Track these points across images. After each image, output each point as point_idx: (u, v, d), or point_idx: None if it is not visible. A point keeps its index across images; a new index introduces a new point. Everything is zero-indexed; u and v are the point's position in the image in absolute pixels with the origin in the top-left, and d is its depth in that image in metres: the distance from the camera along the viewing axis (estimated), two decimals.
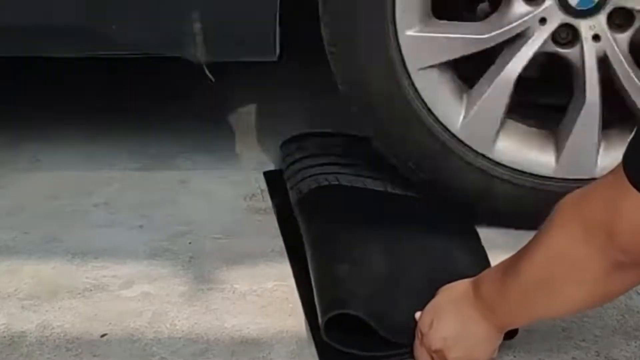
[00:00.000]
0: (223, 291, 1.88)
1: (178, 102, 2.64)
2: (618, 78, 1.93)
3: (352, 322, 1.68)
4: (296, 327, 1.78)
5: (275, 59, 2.01)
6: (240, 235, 2.05)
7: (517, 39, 1.93)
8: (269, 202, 2.17)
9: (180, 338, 1.76)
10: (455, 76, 1.99)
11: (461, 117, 1.98)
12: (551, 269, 1.48)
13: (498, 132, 1.99)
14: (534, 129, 2.03)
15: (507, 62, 1.94)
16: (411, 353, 1.67)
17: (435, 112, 1.97)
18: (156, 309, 1.83)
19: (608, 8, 1.89)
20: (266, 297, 1.86)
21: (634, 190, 1.34)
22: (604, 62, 1.93)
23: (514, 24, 1.92)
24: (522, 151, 2.01)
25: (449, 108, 1.98)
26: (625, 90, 1.93)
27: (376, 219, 1.98)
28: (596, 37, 1.91)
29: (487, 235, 2.00)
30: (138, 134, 2.49)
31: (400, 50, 1.93)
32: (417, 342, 1.65)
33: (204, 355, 1.72)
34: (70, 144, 2.44)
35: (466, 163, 2.00)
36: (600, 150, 1.98)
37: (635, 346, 1.72)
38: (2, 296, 1.88)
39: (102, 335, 1.77)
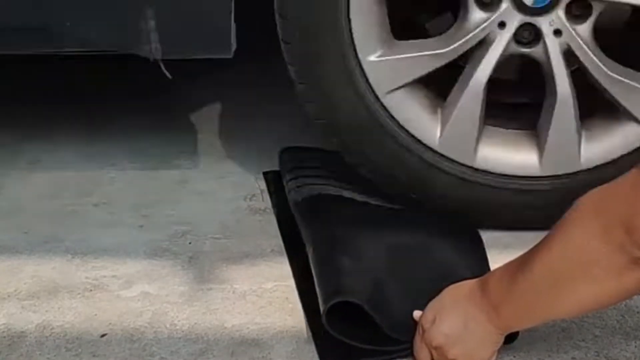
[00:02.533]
0: (223, 291, 1.88)
1: (178, 103, 2.64)
2: (586, 68, 1.93)
3: (351, 319, 1.68)
4: (296, 327, 1.78)
5: (230, 55, 2.00)
6: (240, 235, 2.05)
7: (480, 47, 1.94)
8: (268, 202, 2.17)
9: (180, 338, 1.76)
10: (427, 92, 1.99)
11: (438, 132, 1.98)
12: (566, 265, 1.47)
13: (478, 140, 1.99)
14: (514, 132, 2.03)
15: (474, 70, 1.94)
16: (411, 349, 1.67)
17: (412, 132, 1.97)
18: (156, 309, 1.83)
19: (565, 1, 1.90)
20: (266, 297, 1.86)
21: None
22: (571, 55, 1.93)
23: (474, 33, 1.92)
24: (504, 155, 2.01)
25: (425, 124, 1.98)
26: (596, 79, 1.94)
27: (378, 220, 1.98)
28: (557, 32, 1.91)
29: (490, 235, 2.00)
30: (138, 134, 2.49)
31: (365, 76, 1.94)
32: (417, 337, 1.65)
33: (203, 355, 1.72)
34: (70, 144, 2.44)
35: (450, 175, 2.00)
36: (583, 142, 1.98)
37: (635, 346, 1.72)
38: (2, 296, 1.88)
39: (102, 335, 1.77)
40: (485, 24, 1.91)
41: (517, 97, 2.15)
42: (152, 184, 2.27)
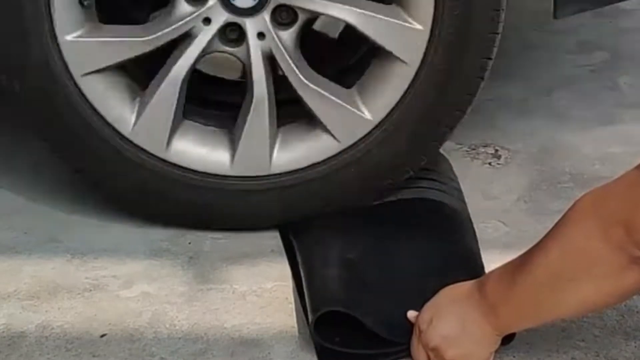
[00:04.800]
0: (223, 291, 1.88)
1: None
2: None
3: (345, 324, 1.68)
4: (296, 327, 1.78)
5: None
6: (240, 236, 2.04)
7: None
8: None
9: (179, 338, 1.76)
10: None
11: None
12: (565, 266, 1.47)
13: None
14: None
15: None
16: (408, 350, 1.67)
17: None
18: (156, 309, 1.83)
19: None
20: (266, 297, 1.86)
21: None
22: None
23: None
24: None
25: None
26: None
27: (371, 219, 1.98)
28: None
29: (490, 235, 2.01)
30: None
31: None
32: (414, 339, 1.65)
33: (203, 355, 1.72)
34: None
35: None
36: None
37: (635, 346, 1.72)
38: (2, 296, 1.88)
39: (102, 336, 1.77)
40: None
41: (224, 95, 2.14)
42: None
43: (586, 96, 2.56)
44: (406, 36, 1.89)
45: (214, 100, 2.11)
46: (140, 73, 2.01)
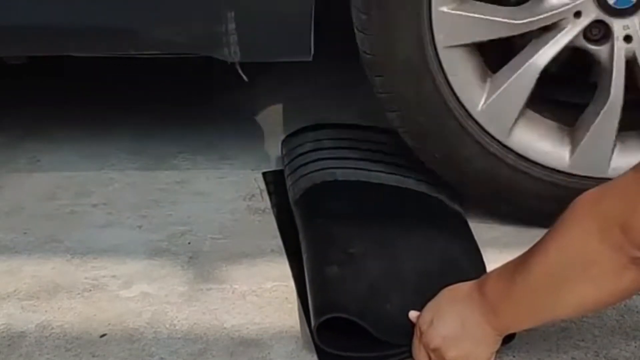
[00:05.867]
0: (222, 291, 1.88)
1: (177, 103, 2.64)
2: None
3: (346, 325, 1.68)
4: (296, 327, 1.78)
5: (310, 58, 2.00)
6: (240, 236, 2.05)
7: (550, 30, 1.93)
8: (268, 202, 2.17)
9: (179, 338, 1.76)
10: (481, 60, 1.98)
11: (482, 101, 1.97)
12: (564, 266, 1.47)
13: (516, 120, 1.98)
14: (552, 123, 2.02)
15: (536, 52, 1.93)
16: (409, 353, 1.67)
17: (457, 92, 1.96)
18: (155, 309, 1.83)
19: None
20: (265, 297, 1.86)
21: None
22: (630, 64, 1.92)
23: (549, 14, 1.91)
24: (537, 143, 2.00)
25: (471, 89, 1.97)
26: None
27: (372, 218, 1.98)
28: (628, 38, 1.91)
29: (489, 235, 2.01)
30: (138, 134, 2.49)
31: (431, 26, 1.92)
32: (415, 339, 1.65)
33: (203, 355, 1.72)
34: (70, 144, 2.44)
35: (482, 147, 1.99)
36: (615, 151, 1.98)
37: (635, 346, 1.72)
38: (2, 296, 1.88)
39: (102, 336, 1.77)
40: (562, 9, 1.89)
41: (568, 94, 2.14)
42: (151, 184, 2.27)
43: None
44: None
45: (556, 98, 2.09)
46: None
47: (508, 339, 1.64)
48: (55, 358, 1.72)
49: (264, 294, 1.87)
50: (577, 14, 1.91)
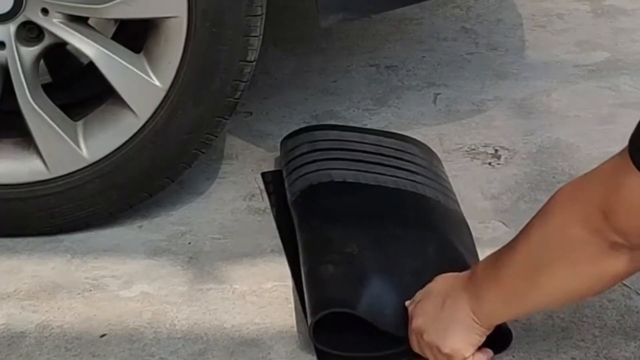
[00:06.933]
0: (222, 291, 1.88)
1: None
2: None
3: (343, 325, 1.69)
4: (296, 327, 1.78)
5: None
6: (240, 236, 2.05)
7: None
8: (268, 203, 2.16)
9: (179, 338, 1.76)
10: None
11: None
12: (545, 250, 1.48)
13: None
14: None
15: None
16: (406, 352, 1.67)
17: None
18: (155, 309, 1.84)
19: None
20: (265, 297, 1.86)
21: (636, 171, 1.35)
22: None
23: None
24: None
25: None
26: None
27: (368, 218, 1.98)
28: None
29: (489, 235, 2.01)
30: None
31: None
32: (409, 325, 1.66)
33: (203, 355, 1.72)
34: None
35: None
36: None
37: (635, 346, 1.72)
38: (2, 296, 1.88)
39: (102, 336, 1.77)
40: None
41: None
42: None
43: (586, 96, 2.56)
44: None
45: None
46: None
47: (500, 346, 1.65)
48: (55, 358, 1.73)
49: (264, 294, 1.87)
50: None
